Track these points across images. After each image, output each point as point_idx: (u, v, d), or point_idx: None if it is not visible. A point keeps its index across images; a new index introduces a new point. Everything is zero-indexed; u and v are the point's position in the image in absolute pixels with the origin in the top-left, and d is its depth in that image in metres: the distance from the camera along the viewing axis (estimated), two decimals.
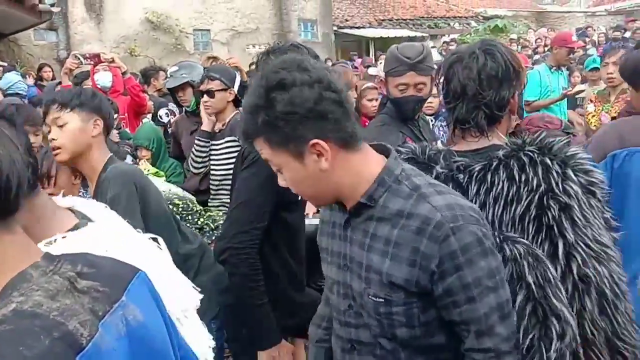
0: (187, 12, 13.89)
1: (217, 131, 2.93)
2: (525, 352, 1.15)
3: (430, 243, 1.06)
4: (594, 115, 3.67)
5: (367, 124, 3.48)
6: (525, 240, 1.21)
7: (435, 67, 2.05)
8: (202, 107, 3.00)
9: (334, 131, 1.09)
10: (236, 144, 2.80)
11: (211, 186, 3.02)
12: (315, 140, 1.08)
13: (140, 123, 4.32)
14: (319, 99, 1.07)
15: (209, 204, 3.01)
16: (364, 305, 1.16)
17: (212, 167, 3.00)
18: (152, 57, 13.19)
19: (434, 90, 2.24)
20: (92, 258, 0.77)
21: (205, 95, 2.83)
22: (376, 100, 3.84)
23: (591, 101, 3.76)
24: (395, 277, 1.10)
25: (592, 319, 1.22)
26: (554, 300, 1.15)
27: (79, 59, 4.09)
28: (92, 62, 4.22)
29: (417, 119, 2.35)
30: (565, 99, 4.82)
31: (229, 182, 2.88)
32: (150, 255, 1.17)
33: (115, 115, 3.42)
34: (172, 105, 4.19)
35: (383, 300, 1.13)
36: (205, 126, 2.97)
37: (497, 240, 1.20)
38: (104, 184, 1.84)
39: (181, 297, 1.21)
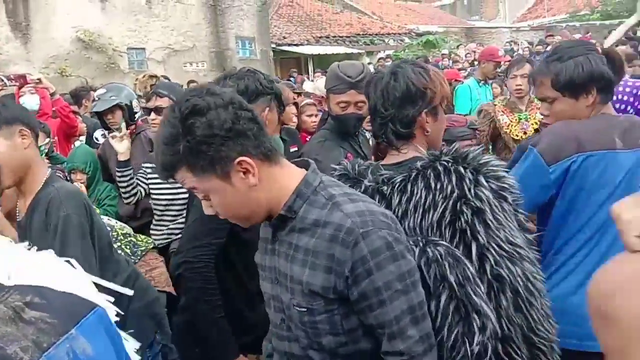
0: (121, 31, 13.58)
1: None
2: (450, 348, 1.21)
3: (342, 249, 1.10)
4: (514, 126, 3.69)
5: (307, 139, 3.51)
6: (445, 243, 1.29)
7: None
8: (113, 139, 2.92)
9: (255, 147, 1.14)
10: None
11: (155, 212, 2.90)
12: (240, 158, 1.11)
13: (72, 146, 4.15)
14: (235, 119, 1.11)
15: (151, 232, 2.88)
16: (292, 316, 1.20)
17: (154, 191, 2.88)
18: (85, 77, 12.77)
19: None
20: (46, 291, 0.75)
21: (152, 113, 2.75)
22: (315, 115, 3.91)
23: (503, 112, 3.76)
24: (313, 285, 1.14)
25: (507, 315, 1.30)
26: (474, 297, 1.22)
27: (2, 80, 3.89)
28: (17, 84, 4.02)
29: (358, 135, 2.41)
30: None
31: (176, 207, 2.80)
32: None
33: (47, 140, 3.27)
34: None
35: (306, 309, 1.16)
36: (122, 156, 2.90)
37: (421, 244, 1.27)
38: (51, 202, 1.75)
39: None
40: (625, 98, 2.33)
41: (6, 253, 1.15)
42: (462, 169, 1.32)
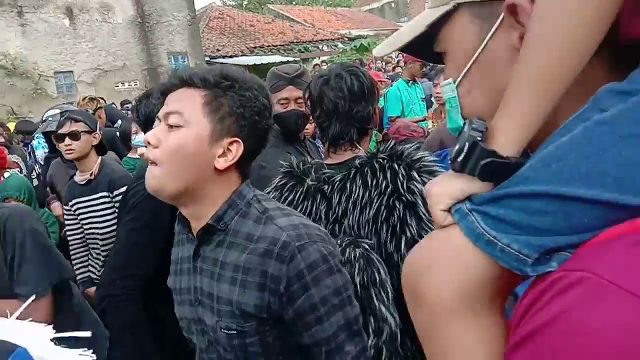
0: (45, 54, 13.06)
1: (83, 183, 2.69)
2: None
3: (277, 264, 1.02)
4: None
5: None
6: (366, 244, 1.30)
7: None
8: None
9: (253, 148, 1.12)
10: (110, 199, 2.63)
11: (92, 246, 2.69)
12: (237, 139, 1.08)
13: (2, 178, 3.95)
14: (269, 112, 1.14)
15: (89, 267, 2.71)
16: (218, 339, 1.09)
17: (86, 226, 2.68)
18: (10, 105, 12.19)
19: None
20: None
21: (67, 138, 2.62)
22: None
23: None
24: (246, 304, 1.04)
25: None
26: (375, 301, 1.25)
27: None
28: None
29: (304, 140, 2.37)
30: (425, 104, 5.16)
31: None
32: None
33: None
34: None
35: (235, 332, 1.06)
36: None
37: (344, 244, 1.29)
38: (10, 220, 1.67)
39: None
40: None
41: None
42: (396, 166, 1.35)
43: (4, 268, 1.65)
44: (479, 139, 0.54)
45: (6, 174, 3.99)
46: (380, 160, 1.38)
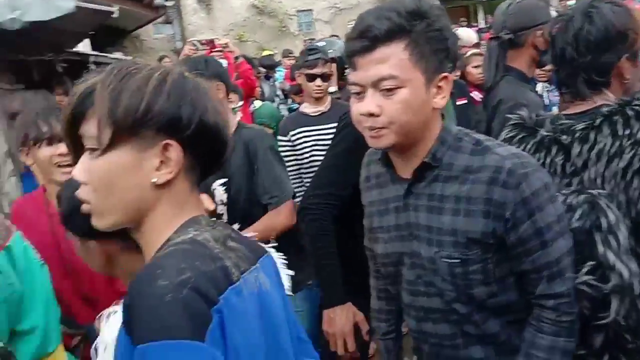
0: None
1: (316, 115, 2.80)
2: None
3: (503, 191, 1.06)
4: None
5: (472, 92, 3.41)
6: (594, 191, 1.18)
7: None
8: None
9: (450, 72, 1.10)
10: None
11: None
12: (447, 74, 1.09)
13: (252, 106, 4.55)
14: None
15: None
16: (437, 270, 1.14)
17: (307, 156, 2.77)
18: (259, 41, 13.69)
19: None
20: (236, 232, 0.92)
21: (319, 79, 2.70)
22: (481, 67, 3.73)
23: None
24: (472, 232, 1.09)
25: None
26: (600, 246, 1.12)
27: (195, 45, 4.38)
28: (207, 48, 4.51)
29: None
30: None
31: None
32: None
33: (240, 103, 3.62)
34: None
35: (459, 260, 1.11)
36: None
37: (567, 193, 1.20)
38: (252, 140, 2.00)
39: None
40: None
41: None
42: None
43: (254, 177, 1.99)
44: None
45: (257, 103, 4.60)
46: (636, 107, 1.21)
